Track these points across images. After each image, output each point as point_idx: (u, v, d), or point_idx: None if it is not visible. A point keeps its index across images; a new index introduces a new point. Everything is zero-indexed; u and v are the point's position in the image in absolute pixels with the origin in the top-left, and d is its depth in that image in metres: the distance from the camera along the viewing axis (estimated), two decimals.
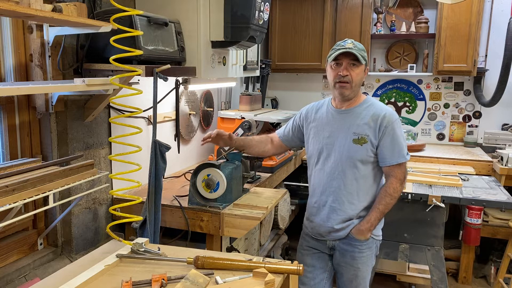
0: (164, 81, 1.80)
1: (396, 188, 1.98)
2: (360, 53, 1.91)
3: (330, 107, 2.09)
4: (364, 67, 1.97)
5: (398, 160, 1.96)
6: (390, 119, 1.96)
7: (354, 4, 3.92)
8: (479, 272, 3.63)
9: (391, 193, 1.98)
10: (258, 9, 2.15)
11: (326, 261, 2.15)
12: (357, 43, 1.95)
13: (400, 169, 1.98)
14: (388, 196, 1.99)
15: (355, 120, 1.99)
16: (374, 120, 1.96)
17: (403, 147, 1.98)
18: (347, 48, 1.89)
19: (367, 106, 2.01)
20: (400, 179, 1.99)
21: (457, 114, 4.14)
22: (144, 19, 1.81)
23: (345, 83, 1.93)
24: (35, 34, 1.72)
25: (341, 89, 1.95)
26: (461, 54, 3.70)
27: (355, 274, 2.07)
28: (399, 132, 1.98)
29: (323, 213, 2.07)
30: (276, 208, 2.94)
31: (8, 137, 1.77)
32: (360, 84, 1.99)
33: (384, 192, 2.00)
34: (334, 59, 1.93)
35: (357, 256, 2.05)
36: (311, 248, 2.17)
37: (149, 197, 1.84)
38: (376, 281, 3.22)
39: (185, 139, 2.98)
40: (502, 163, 3.31)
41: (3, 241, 1.77)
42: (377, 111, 1.98)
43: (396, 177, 1.98)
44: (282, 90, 4.57)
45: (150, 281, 1.27)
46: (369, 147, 1.96)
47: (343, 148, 1.99)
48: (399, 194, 2.00)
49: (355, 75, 1.93)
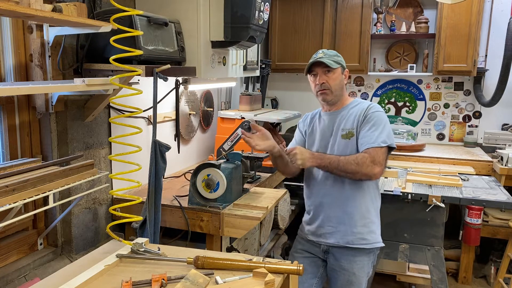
0: (164, 81, 1.80)
1: (365, 162, 1.87)
2: (332, 59, 2.00)
3: (321, 113, 2.18)
4: (340, 70, 2.04)
5: (373, 144, 1.90)
6: (372, 109, 2.00)
7: (354, 4, 3.92)
8: (479, 272, 3.63)
9: (358, 161, 1.88)
10: (258, 9, 2.15)
11: (318, 266, 2.14)
12: (329, 51, 2.05)
13: (375, 152, 1.89)
14: (352, 160, 1.89)
15: (343, 119, 2.05)
16: (359, 114, 2.01)
17: (382, 134, 1.92)
18: (318, 58, 2.00)
19: (355, 105, 2.07)
20: (373, 159, 1.87)
21: (457, 114, 4.14)
22: (144, 19, 1.81)
23: (324, 90, 2.03)
24: (35, 34, 1.72)
25: (323, 95, 2.05)
26: (461, 54, 3.70)
27: (350, 281, 2.02)
28: (379, 120, 1.96)
29: (319, 214, 2.08)
30: (276, 208, 2.94)
31: (8, 137, 1.76)
32: (341, 87, 2.05)
33: (354, 155, 1.91)
34: (309, 71, 2.05)
35: (353, 261, 2.02)
36: (305, 251, 2.16)
37: (149, 197, 1.84)
38: (376, 281, 3.22)
39: (185, 139, 2.98)
40: (502, 163, 3.31)
41: (3, 241, 1.77)
42: (362, 107, 2.03)
43: (370, 153, 1.89)
44: (282, 90, 4.57)
45: (150, 281, 1.27)
46: (356, 140, 1.99)
47: (334, 146, 2.04)
48: (363, 169, 1.87)
49: (332, 81, 2.02)
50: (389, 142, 1.93)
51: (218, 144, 3.06)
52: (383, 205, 2.17)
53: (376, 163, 1.89)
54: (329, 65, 1.97)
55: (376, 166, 1.89)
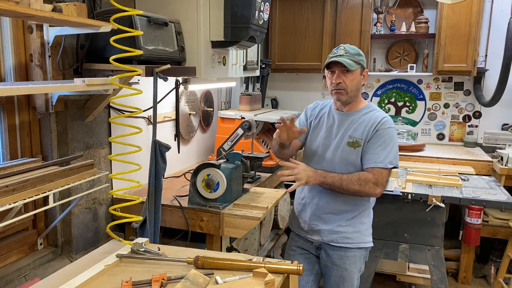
0: (164, 81, 1.80)
1: (368, 184, 1.87)
2: (352, 59, 1.91)
3: (332, 108, 2.11)
4: (359, 71, 1.96)
5: (378, 164, 1.89)
6: (384, 125, 1.94)
7: (354, 4, 3.92)
8: (479, 272, 3.63)
9: (361, 182, 1.87)
10: (258, 9, 2.15)
11: (313, 263, 2.14)
12: (350, 48, 1.95)
13: (380, 173, 1.89)
14: (355, 180, 1.88)
15: (353, 125, 2.00)
16: (370, 125, 1.96)
17: (390, 154, 1.91)
18: (338, 56, 1.92)
19: (367, 112, 2.01)
20: (376, 181, 1.88)
21: (457, 114, 4.14)
22: (144, 19, 1.81)
23: (340, 89, 1.96)
24: (35, 34, 1.72)
25: (337, 95, 1.98)
26: (461, 54, 3.70)
27: (343, 276, 2.03)
28: (388, 138, 1.93)
29: (308, 210, 2.08)
30: (276, 208, 2.94)
31: (8, 137, 1.76)
32: (357, 89, 1.99)
33: (356, 174, 1.91)
34: (328, 68, 1.97)
35: (345, 256, 2.02)
36: (299, 248, 2.16)
37: (149, 197, 1.84)
38: (376, 281, 3.22)
39: (185, 139, 2.98)
40: (502, 163, 3.31)
41: (3, 241, 1.77)
42: (375, 117, 1.97)
43: (375, 175, 1.89)
44: (282, 90, 4.57)
45: (150, 281, 1.27)
46: (361, 151, 1.96)
47: (337, 150, 2.00)
48: (366, 189, 1.88)
49: (349, 82, 1.94)
50: (395, 163, 1.93)
51: (218, 144, 3.06)
52: (383, 205, 2.17)
53: (379, 184, 1.90)
54: (347, 66, 1.89)
55: (378, 187, 1.90)
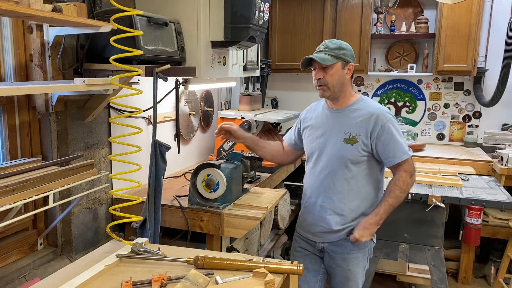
0: (164, 81, 1.80)
1: (406, 180, 1.96)
2: (331, 53, 1.90)
3: (324, 106, 2.10)
4: (340, 65, 1.92)
5: (402, 158, 1.95)
6: (384, 119, 1.94)
7: (354, 4, 3.92)
8: (479, 272, 3.63)
9: (401, 186, 1.96)
10: (258, 9, 2.15)
11: (319, 263, 2.13)
12: (332, 43, 1.94)
13: (406, 164, 1.97)
14: (397, 188, 1.96)
15: (347, 120, 1.98)
16: (366, 120, 1.95)
17: (402, 144, 1.97)
18: (316, 52, 1.93)
19: (360, 105, 2.00)
20: (409, 172, 1.97)
21: (457, 114, 4.14)
22: (144, 19, 1.81)
23: (321, 85, 1.96)
24: (35, 34, 1.72)
25: (320, 91, 1.98)
26: (461, 54, 3.70)
27: (347, 277, 2.03)
28: (395, 130, 1.96)
29: (313, 212, 2.06)
30: (276, 208, 2.94)
31: (8, 137, 1.77)
32: (341, 83, 1.95)
33: (393, 184, 1.97)
34: (310, 64, 1.97)
35: (348, 258, 2.02)
36: (303, 249, 2.15)
37: (149, 197, 1.84)
38: (376, 281, 3.22)
39: (185, 139, 2.98)
40: (502, 163, 3.31)
41: (3, 241, 1.77)
42: (369, 110, 1.96)
43: (406, 170, 1.97)
44: (282, 90, 4.57)
45: (150, 281, 1.27)
46: (360, 147, 1.94)
47: (334, 148, 1.98)
48: (408, 186, 1.97)
49: (329, 77, 1.92)
50: (410, 150, 2.01)
51: (218, 144, 3.07)
52: None
53: (413, 173, 1.98)
54: (321, 62, 1.88)
55: (413, 175, 1.99)
